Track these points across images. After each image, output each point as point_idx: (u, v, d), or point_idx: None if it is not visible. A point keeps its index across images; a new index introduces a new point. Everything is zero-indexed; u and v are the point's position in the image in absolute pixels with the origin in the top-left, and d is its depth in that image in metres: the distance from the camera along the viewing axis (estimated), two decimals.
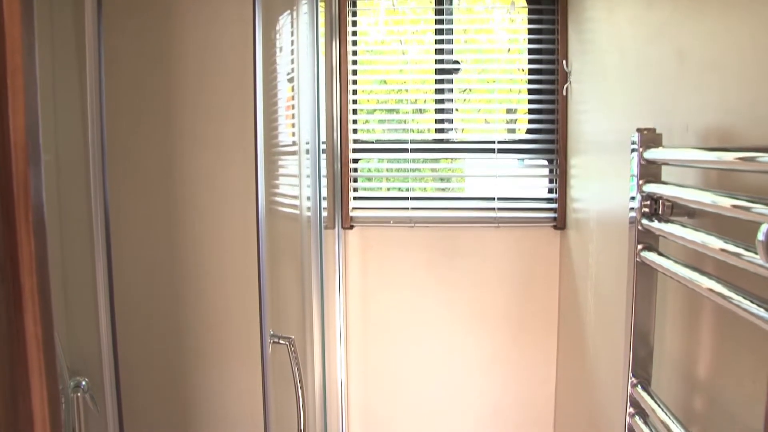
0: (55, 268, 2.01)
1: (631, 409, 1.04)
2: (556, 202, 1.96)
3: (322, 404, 1.89)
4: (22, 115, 0.51)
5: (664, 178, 0.97)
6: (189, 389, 2.13)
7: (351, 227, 2.01)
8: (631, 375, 1.04)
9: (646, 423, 1.00)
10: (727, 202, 0.72)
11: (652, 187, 0.94)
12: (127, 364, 2.11)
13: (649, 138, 0.97)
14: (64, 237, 2.03)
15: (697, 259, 0.90)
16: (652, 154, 0.96)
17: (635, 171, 0.98)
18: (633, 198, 0.99)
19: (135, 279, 2.07)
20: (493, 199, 1.98)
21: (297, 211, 1.86)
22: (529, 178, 2.18)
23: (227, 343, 2.08)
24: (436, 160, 2.17)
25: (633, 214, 0.99)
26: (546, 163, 2.02)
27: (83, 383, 1.57)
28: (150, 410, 2.17)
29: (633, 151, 0.99)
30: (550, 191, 2.01)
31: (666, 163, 0.95)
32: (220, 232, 2.01)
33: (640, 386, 1.02)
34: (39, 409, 0.51)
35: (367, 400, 2.11)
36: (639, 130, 0.98)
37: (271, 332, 1.44)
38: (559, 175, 1.94)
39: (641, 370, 1.04)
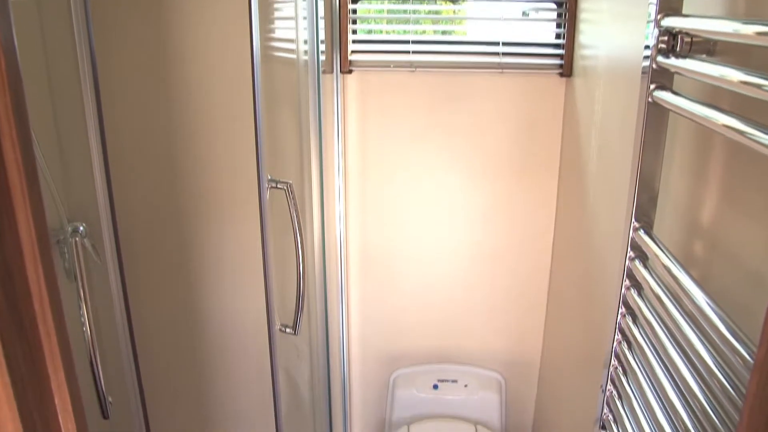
0: (47, 118, 1.96)
1: (631, 253, 1.04)
2: (563, 48, 1.88)
3: (321, 250, 1.91)
4: None
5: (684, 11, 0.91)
6: (187, 239, 2.15)
7: (350, 71, 1.94)
8: (633, 219, 1.04)
9: (645, 266, 1.00)
10: (751, 29, 0.67)
11: (670, 21, 0.88)
12: (124, 212, 2.12)
13: None
14: (53, 85, 1.97)
15: (712, 99, 0.86)
16: None
17: (654, 2, 0.91)
18: (649, 34, 0.93)
19: (128, 126, 2.03)
20: (498, 43, 1.90)
21: (294, 56, 1.79)
22: (535, 23, 2.08)
23: (226, 191, 2.07)
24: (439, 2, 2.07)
25: (648, 52, 0.94)
26: (554, 6, 1.92)
27: (81, 228, 1.57)
28: (149, 259, 2.20)
29: None
30: (558, 36, 1.92)
31: None
32: (215, 77, 1.95)
33: (642, 230, 1.01)
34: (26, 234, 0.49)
35: (365, 245, 2.14)
36: None
37: (269, 177, 1.42)
38: (568, 20, 1.85)
39: (644, 215, 1.03)
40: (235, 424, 2.43)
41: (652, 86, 0.94)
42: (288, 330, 1.58)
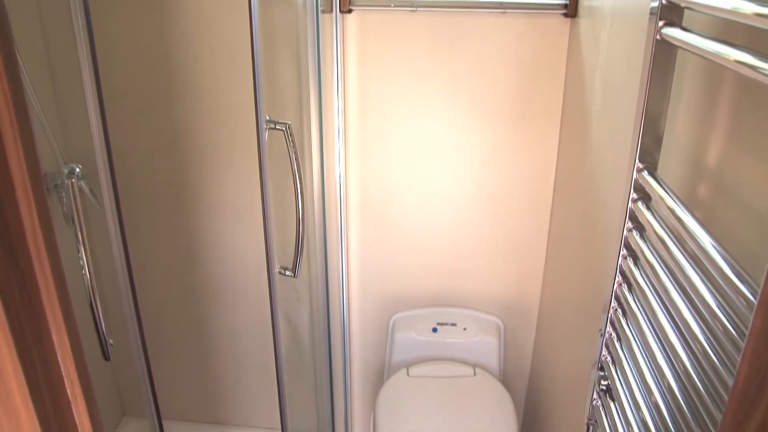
0: (40, 58, 1.93)
1: (634, 195, 1.03)
2: None
3: (320, 192, 1.90)
4: None
5: None
6: (186, 182, 2.14)
7: (349, 11, 1.90)
8: (637, 161, 1.02)
9: (648, 208, 0.99)
10: None
11: None
12: (121, 156, 2.10)
13: None
14: (45, 25, 1.93)
15: (723, 36, 0.84)
16: None
17: None
18: None
19: (124, 68, 2.00)
20: None
21: None
22: None
23: (224, 133, 2.05)
24: None
25: None
26: None
27: (77, 169, 1.56)
28: (148, 204, 2.19)
29: None
30: None
31: None
32: (213, 17, 1.90)
33: (646, 171, 1.00)
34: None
35: (365, 188, 2.13)
36: None
37: (268, 118, 1.40)
38: None
39: (648, 156, 1.02)
40: (236, 366, 2.46)
41: (661, 23, 0.91)
42: (287, 273, 1.58)
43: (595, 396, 1.20)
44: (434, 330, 2.21)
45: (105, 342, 1.49)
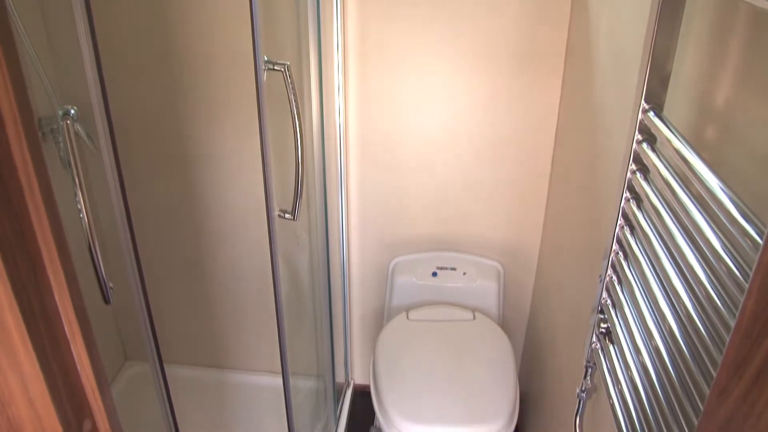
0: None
1: (639, 136, 1.02)
2: None
3: (320, 135, 1.87)
4: None
5: None
6: (184, 125, 2.11)
7: None
8: (643, 101, 1.00)
9: (653, 149, 0.98)
10: None
11: None
12: (118, 100, 2.07)
13: None
14: None
15: None
16: None
17: None
18: None
19: (118, 11, 1.96)
20: None
21: None
22: None
23: (222, 75, 2.02)
24: None
25: None
26: None
27: (72, 111, 1.53)
28: (146, 148, 2.17)
29: None
30: None
31: None
32: None
33: (652, 112, 0.98)
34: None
35: (365, 132, 2.10)
36: None
37: (266, 58, 1.37)
38: None
39: (654, 97, 1.00)
40: (236, 310, 2.48)
41: None
42: (287, 215, 1.57)
43: (594, 339, 1.21)
44: (434, 274, 2.22)
45: (105, 285, 1.49)
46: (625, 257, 1.09)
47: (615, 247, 1.12)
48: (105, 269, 1.54)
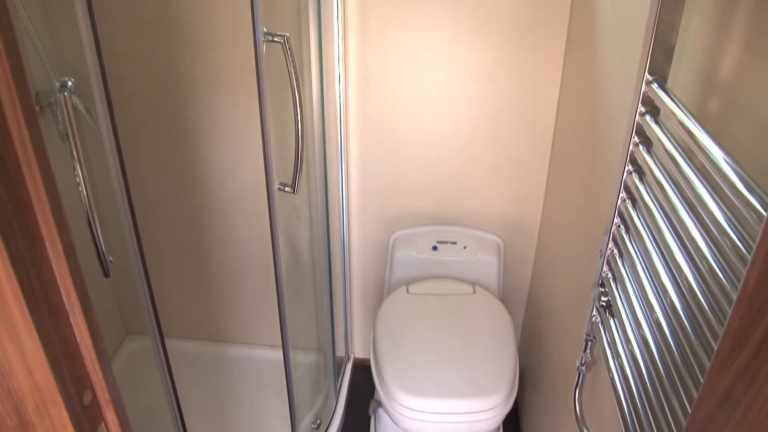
0: None
1: (642, 108, 1.01)
2: None
3: (320, 108, 1.86)
4: None
5: None
6: (183, 99, 2.09)
7: None
8: (647, 73, 0.99)
9: (656, 122, 0.97)
10: None
11: None
12: (116, 74, 2.05)
13: None
14: None
15: None
16: None
17: None
18: None
19: None
20: None
21: None
22: None
23: (221, 48, 2.00)
24: None
25: None
26: None
27: (69, 83, 1.52)
28: (146, 122, 2.16)
29: None
30: None
31: None
32: None
33: (655, 84, 0.97)
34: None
35: (365, 104, 2.09)
36: None
37: (265, 30, 1.35)
38: None
39: (658, 68, 0.98)
40: (236, 284, 2.48)
41: None
42: (287, 189, 1.56)
43: (594, 312, 1.21)
44: (434, 248, 2.22)
45: (104, 258, 1.49)
46: (627, 230, 1.09)
47: (616, 220, 1.11)
48: (104, 243, 1.54)
